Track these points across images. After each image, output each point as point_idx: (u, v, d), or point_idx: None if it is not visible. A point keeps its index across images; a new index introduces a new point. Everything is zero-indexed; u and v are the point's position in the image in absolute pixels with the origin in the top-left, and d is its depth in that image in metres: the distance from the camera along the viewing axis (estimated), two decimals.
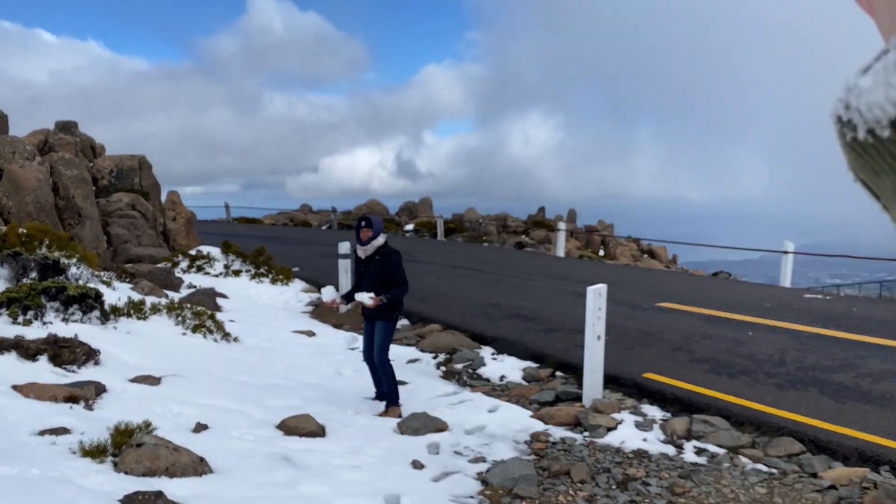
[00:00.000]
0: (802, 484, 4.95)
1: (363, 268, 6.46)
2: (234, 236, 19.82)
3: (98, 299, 7.33)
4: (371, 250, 6.36)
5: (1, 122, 16.41)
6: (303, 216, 37.47)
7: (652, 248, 34.40)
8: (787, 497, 4.78)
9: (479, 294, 12.47)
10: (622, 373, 7.37)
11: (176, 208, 18.05)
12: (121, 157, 17.34)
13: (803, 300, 11.51)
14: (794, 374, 7.11)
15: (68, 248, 8.35)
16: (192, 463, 4.30)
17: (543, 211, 35.95)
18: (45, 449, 4.20)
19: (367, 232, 6.33)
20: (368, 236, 6.32)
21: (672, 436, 5.91)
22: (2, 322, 6.57)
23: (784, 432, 5.72)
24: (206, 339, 8.15)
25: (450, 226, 29.46)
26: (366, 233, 6.33)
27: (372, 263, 6.37)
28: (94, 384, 5.46)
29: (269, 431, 5.49)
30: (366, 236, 6.33)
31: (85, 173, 14.62)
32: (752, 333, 8.87)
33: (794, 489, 4.89)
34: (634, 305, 10.99)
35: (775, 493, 4.86)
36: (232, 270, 14.42)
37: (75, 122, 17.30)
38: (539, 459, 5.53)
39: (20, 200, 12.77)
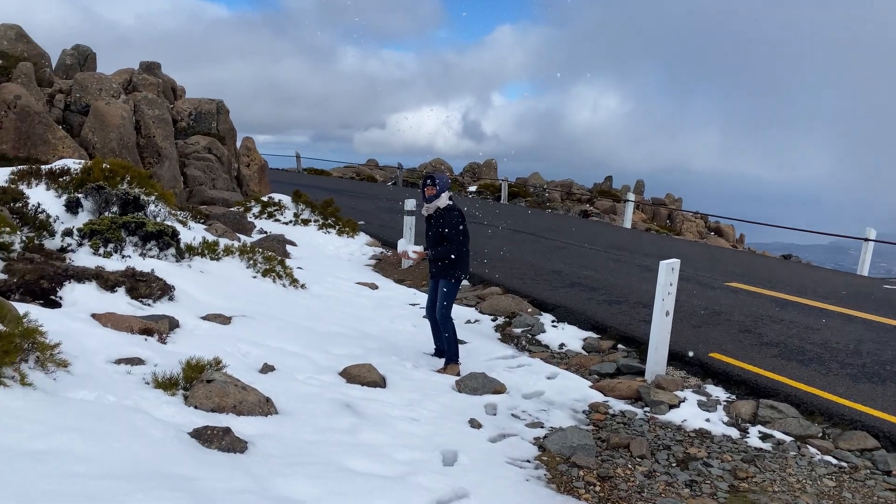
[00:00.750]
0: (875, 481, 4.76)
1: (427, 225, 6.57)
2: (303, 186, 20.12)
3: (174, 237, 7.54)
4: (432, 209, 6.42)
5: (90, 59, 16.93)
6: (369, 171, 37.74)
7: (720, 225, 33.42)
8: (858, 493, 4.61)
9: (541, 260, 12.35)
10: (687, 350, 7.20)
11: (250, 154, 18.38)
12: (199, 100, 17.70)
13: (882, 290, 10.98)
14: (870, 366, 6.81)
15: (147, 185, 8.60)
16: (259, 402, 4.41)
17: (610, 180, 35.26)
18: (121, 378, 4.36)
19: (432, 189, 6.36)
20: (432, 194, 6.36)
21: (736, 418, 5.76)
22: (84, 252, 6.84)
23: (857, 426, 5.50)
24: (275, 283, 8.32)
25: (513, 189, 29.20)
26: (430, 190, 6.37)
27: (434, 221, 6.45)
28: (167, 319, 5.65)
29: (333, 378, 5.59)
30: (430, 194, 6.37)
31: (166, 114, 14.99)
32: (825, 321, 8.52)
33: (866, 485, 4.70)
34: (703, 283, 10.69)
35: (845, 487, 4.69)
36: (301, 219, 14.66)
37: (158, 64, 17.70)
38: (598, 430, 5.48)
39: (105, 136, 13.20)
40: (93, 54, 17.13)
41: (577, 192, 32.42)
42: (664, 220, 31.47)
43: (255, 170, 18.27)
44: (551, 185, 33.47)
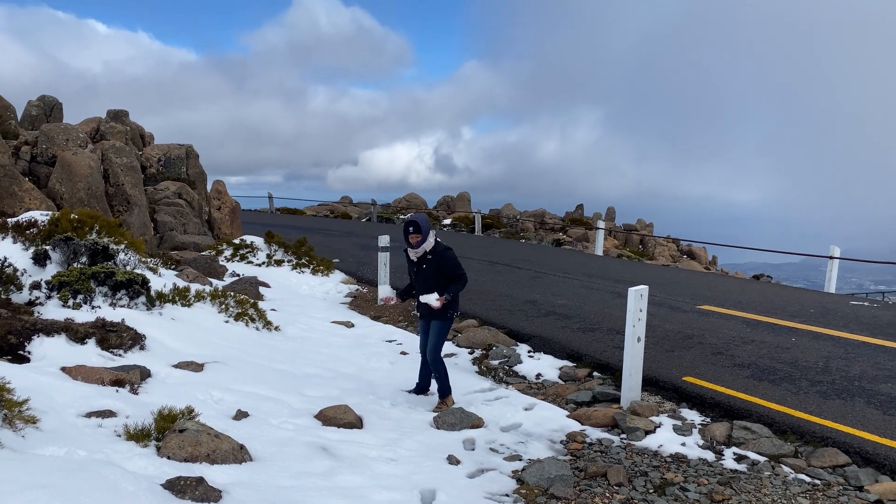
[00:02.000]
0: (847, 497, 4.83)
1: (416, 268, 6.49)
2: (276, 226, 20.09)
3: (144, 285, 7.50)
4: (422, 251, 6.37)
5: (55, 109, 16.89)
6: (343, 208, 37.81)
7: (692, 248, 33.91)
8: None
9: (516, 291, 12.43)
10: (661, 375, 7.28)
11: (221, 197, 18.36)
12: (169, 146, 17.70)
13: (849, 307, 11.20)
14: (839, 382, 6.94)
15: (117, 234, 8.56)
16: (233, 450, 4.38)
17: (582, 208, 35.67)
18: (92, 431, 4.31)
19: (416, 237, 6.32)
20: (418, 241, 6.33)
21: (711, 441, 5.82)
22: (53, 305, 6.77)
23: (829, 443, 5.59)
24: (248, 327, 8.28)
25: (487, 221, 29.42)
26: (415, 238, 6.33)
27: (426, 263, 6.40)
28: (139, 368, 5.60)
29: (308, 421, 5.56)
30: (416, 241, 6.34)
31: (134, 161, 14.95)
32: (795, 340, 8.67)
33: (839, 502, 4.77)
34: (674, 307, 10.83)
35: None
36: (274, 260, 14.62)
37: (126, 111, 17.70)
38: (575, 460, 5.50)
39: (73, 187, 13.12)
40: (59, 104, 17.09)
41: (550, 221, 32.75)
42: (637, 246, 31.86)
43: (226, 212, 18.23)
44: (524, 215, 33.78)
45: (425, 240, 6.32)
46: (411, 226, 6.33)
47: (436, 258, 6.34)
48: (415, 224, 6.32)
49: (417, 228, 6.30)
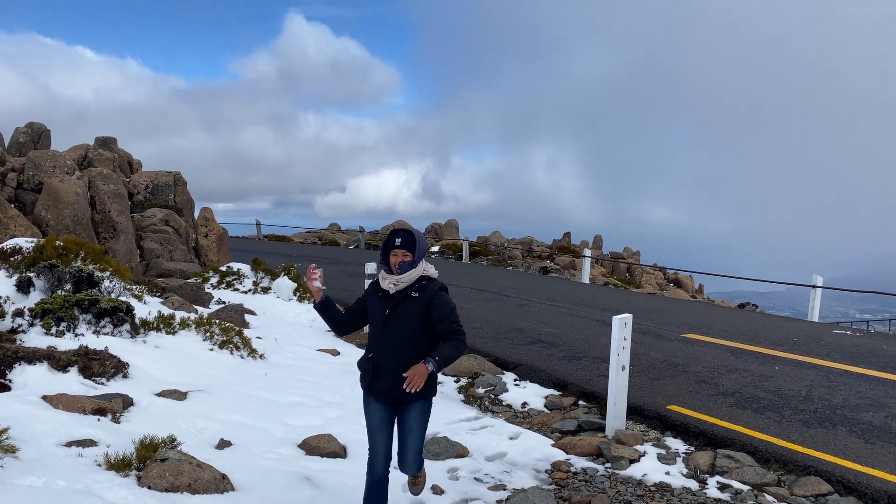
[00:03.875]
0: None
1: (386, 308, 4.10)
2: (264, 253, 20.05)
3: (129, 313, 7.47)
4: (408, 282, 4.08)
5: (43, 136, 16.90)
6: (331, 235, 37.81)
7: (678, 276, 34.09)
8: None
9: (502, 318, 12.45)
10: (646, 404, 7.30)
11: (208, 224, 18.34)
12: (156, 173, 17.71)
13: (832, 336, 11.30)
14: (821, 411, 6.98)
15: (102, 261, 8.54)
16: (215, 480, 4.35)
17: (569, 236, 35.88)
18: (72, 460, 4.28)
19: (405, 255, 4.06)
20: (405, 262, 4.06)
21: (695, 470, 5.83)
22: (35, 332, 6.73)
23: (811, 471, 5.61)
24: (233, 355, 8.25)
25: (475, 248, 29.51)
26: (402, 256, 4.06)
27: (406, 303, 4.07)
28: (121, 397, 5.56)
29: (291, 450, 5.53)
30: (401, 261, 4.06)
31: (121, 188, 14.95)
32: (778, 368, 8.73)
33: None
34: (660, 336, 10.89)
35: None
36: (261, 288, 14.58)
37: (114, 138, 17.74)
38: (560, 489, 5.49)
39: (58, 213, 13.09)
40: (47, 131, 17.12)
41: (538, 249, 32.89)
42: (623, 274, 32.02)
43: (213, 240, 18.21)
44: (512, 242, 33.92)
45: (415, 265, 4.08)
46: (398, 237, 4.10)
47: (425, 298, 4.07)
48: (406, 236, 4.11)
49: (408, 243, 4.08)
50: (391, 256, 4.10)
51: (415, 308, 4.06)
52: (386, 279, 4.11)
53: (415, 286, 4.10)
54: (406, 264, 4.07)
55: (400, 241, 4.08)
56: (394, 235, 4.12)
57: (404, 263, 4.06)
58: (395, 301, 4.08)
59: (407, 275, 4.06)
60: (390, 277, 4.09)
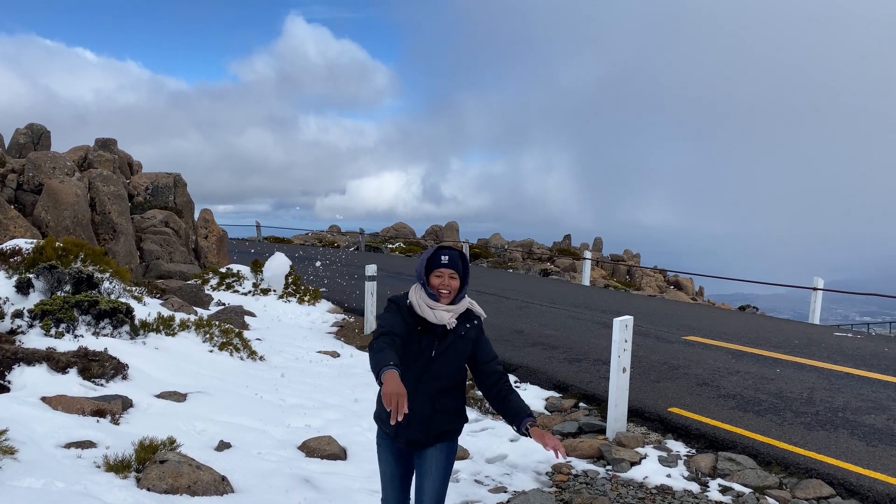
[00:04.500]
0: None
1: (433, 346, 3.33)
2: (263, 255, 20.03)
3: (129, 314, 7.45)
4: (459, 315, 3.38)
5: (43, 137, 16.90)
6: (331, 237, 37.80)
7: (678, 279, 34.07)
8: None
9: (502, 320, 12.43)
10: (647, 406, 7.28)
11: (208, 226, 18.33)
12: (157, 174, 17.71)
13: (833, 338, 11.28)
14: (823, 414, 6.96)
15: (102, 262, 8.52)
16: (214, 482, 4.33)
17: (569, 239, 35.88)
18: (71, 462, 4.26)
19: (454, 277, 3.34)
20: (456, 289, 3.34)
21: (696, 473, 5.81)
22: (35, 334, 6.71)
23: (813, 474, 5.59)
24: (233, 356, 8.23)
25: (475, 251, 29.50)
26: (451, 276, 3.33)
27: (458, 341, 3.36)
28: (121, 398, 5.54)
29: (291, 452, 5.51)
30: (451, 287, 3.32)
31: (121, 190, 14.94)
32: (779, 370, 8.71)
33: None
34: (660, 338, 10.86)
35: None
36: (260, 289, 14.56)
37: (114, 140, 17.73)
38: (560, 492, 5.47)
39: (58, 215, 13.08)
40: (47, 133, 17.11)
41: (538, 251, 32.88)
42: (624, 276, 32.00)
43: (213, 241, 18.19)
44: (512, 244, 33.90)
45: (464, 293, 3.40)
46: (444, 253, 3.35)
47: (473, 333, 3.42)
48: (453, 254, 3.37)
49: (457, 263, 3.35)
50: (434, 277, 3.30)
51: (465, 346, 3.38)
52: (434, 308, 3.27)
53: (471, 320, 3.43)
54: (456, 293, 3.34)
55: (446, 259, 3.31)
56: (439, 252, 3.34)
57: (454, 291, 3.33)
58: (445, 338, 3.31)
59: (461, 305, 3.36)
60: (440, 307, 3.28)
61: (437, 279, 3.29)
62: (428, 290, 3.29)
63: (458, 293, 3.34)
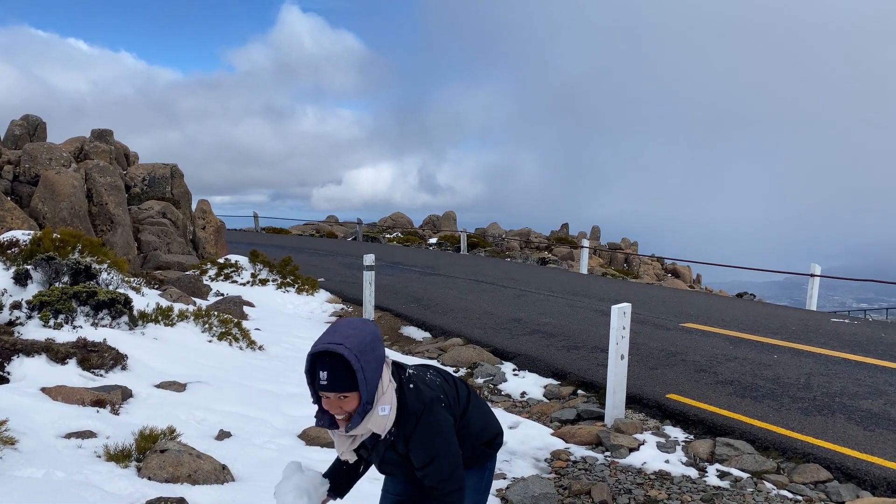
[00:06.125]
0: None
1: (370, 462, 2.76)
2: (261, 245, 20.03)
3: (127, 305, 7.45)
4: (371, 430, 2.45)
5: (39, 129, 16.83)
6: (329, 227, 37.78)
7: (676, 267, 34.10)
8: None
9: (501, 309, 12.45)
10: (645, 393, 7.31)
11: (206, 217, 18.30)
12: (153, 165, 17.66)
13: (830, 324, 11.31)
14: (820, 399, 6.99)
15: (100, 253, 8.51)
16: (215, 470, 4.35)
17: (567, 227, 35.88)
18: (71, 452, 4.27)
19: (348, 401, 2.34)
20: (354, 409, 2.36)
21: (695, 458, 5.84)
22: (33, 325, 6.71)
23: (810, 459, 5.63)
24: (232, 346, 8.24)
25: (473, 240, 29.50)
26: (345, 402, 2.34)
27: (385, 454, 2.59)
28: (120, 389, 5.55)
29: (292, 441, 5.53)
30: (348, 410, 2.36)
31: (118, 181, 14.90)
32: (777, 357, 8.74)
33: None
34: (658, 325, 10.89)
35: None
36: (259, 279, 14.57)
37: (111, 131, 17.67)
38: (559, 478, 5.50)
39: (55, 206, 13.05)
40: (43, 124, 17.04)
41: (536, 240, 32.88)
42: (621, 264, 32.03)
43: (210, 232, 18.17)
44: (510, 234, 33.90)
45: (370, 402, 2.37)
46: (324, 368, 2.28)
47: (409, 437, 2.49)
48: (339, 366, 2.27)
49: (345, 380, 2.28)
50: (324, 401, 2.37)
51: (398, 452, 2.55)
52: (337, 440, 2.54)
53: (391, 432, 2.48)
54: (355, 417, 2.36)
55: (327, 379, 2.27)
56: (316, 366, 2.31)
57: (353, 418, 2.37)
58: (372, 455, 2.63)
59: (360, 427, 2.40)
60: (339, 436, 2.52)
61: (325, 401, 2.37)
62: (321, 419, 2.45)
63: (358, 417, 2.35)
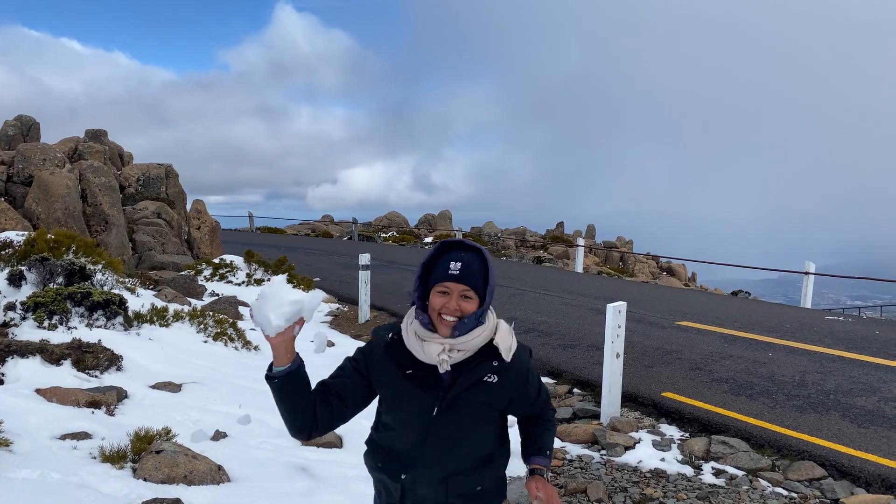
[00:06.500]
0: None
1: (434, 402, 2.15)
2: (257, 245, 20.00)
3: (122, 305, 7.43)
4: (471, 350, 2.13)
5: (33, 129, 16.76)
6: (324, 227, 37.74)
7: (671, 265, 34.18)
8: None
9: (497, 308, 12.43)
10: (641, 391, 7.32)
11: (200, 217, 18.26)
12: (148, 165, 17.61)
13: (824, 322, 11.35)
14: (815, 396, 7.02)
15: (94, 254, 8.49)
16: (210, 471, 4.34)
17: (562, 226, 35.92)
18: (66, 453, 4.26)
19: (468, 294, 2.09)
20: (467, 314, 2.08)
21: (690, 456, 5.86)
22: (28, 326, 6.69)
23: (805, 456, 5.64)
24: (227, 346, 8.23)
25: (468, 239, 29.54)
26: (463, 294, 2.08)
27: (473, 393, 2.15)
28: (115, 390, 5.54)
29: (287, 441, 5.52)
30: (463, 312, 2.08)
31: (113, 181, 14.86)
32: (772, 354, 8.77)
33: None
34: (653, 323, 10.91)
35: None
36: (254, 279, 14.54)
37: (105, 131, 17.61)
38: (556, 477, 5.51)
39: (49, 207, 13.00)
40: (36, 124, 16.98)
41: (531, 239, 32.91)
42: (617, 263, 32.08)
43: (205, 232, 18.13)
44: (506, 232, 33.93)
45: (482, 316, 2.14)
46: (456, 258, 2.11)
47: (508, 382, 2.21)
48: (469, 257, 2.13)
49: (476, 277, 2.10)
50: (436, 295, 2.09)
51: (488, 399, 2.18)
52: (427, 342, 2.09)
53: (485, 360, 2.16)
54: (469, 319, 2.09)
55: (459, 269, 2.07)
56: (446, 255, 2.12)
57: (463, 322, 2.08)
58: (451, 388, 2.13)
59: (469, 336, 2.10)
60: (434, 339, 2.09)
61: (439, 298, 2.08)
62: (420, 315, 2.11)
63: (473, 320, 2.09)
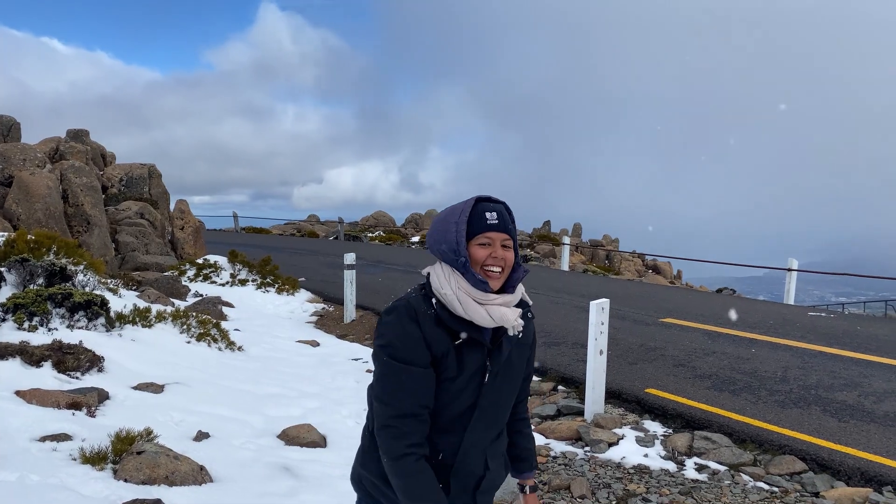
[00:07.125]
0: (804, 503, 4.93)
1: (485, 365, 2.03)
2: (241, 246, 19.91)
3: (104, 306, 7.37)
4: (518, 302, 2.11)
5: (13, 129, 16.58)
6: (310, 227, 37.61)
7: (657, 263, 34.37)
8: None
9: None
10: (624, 388, 7.36)
11: (184, 217, 18.15)
12: (131, 165, 17.47)
13: (807, 318, 11.46)
14: (796, 391, 7.08)
15: (75, 255, 8.41)
16: (192, 471, 4.32)
17: (549, 225, 36.02)
18: (46, 455, 4.22)
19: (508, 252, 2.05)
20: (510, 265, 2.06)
21: (673, 452, 5.89)
22: (7, 327, 6.62)
23: (786, 450, 5.70)
24: (211, 347, 8.18)
25: None
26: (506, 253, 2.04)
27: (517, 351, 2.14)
28: (97, 391, 5.49)
29: (271, 441, 5.51)
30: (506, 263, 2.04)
31: (95, 181, 14.73)
32: (754, 350, 8.84)
33: None
34: (638, 320, 10.97)
35: None
36: (238, 280, 14.48)
37: (86, 131, 17.46)
38: (539, 473, 5.52)
39: (30, 207, 12.87)
40: (17, 124, 16.79)
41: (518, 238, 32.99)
42: (603, 261, 32.21)
43: (189, 232, 18.02)
44: None
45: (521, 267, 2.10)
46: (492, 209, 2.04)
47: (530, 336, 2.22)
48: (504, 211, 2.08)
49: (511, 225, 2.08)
50: (477, 247, 2.03)
51: (525, 355, 2.21)
52: (488, 304, 2.00)
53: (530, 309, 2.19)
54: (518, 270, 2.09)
55: (497, 218, 2.03)
56: (481, 207, 2.04)
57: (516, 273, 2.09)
58: (500, 350, 2.06)
59: (521, 289, 2.13)
60: (497, 300, 2.01)
61: (481, 250, 2.01)
62: (475, 275, 2.00)
63: (521, 270, 2.09)
